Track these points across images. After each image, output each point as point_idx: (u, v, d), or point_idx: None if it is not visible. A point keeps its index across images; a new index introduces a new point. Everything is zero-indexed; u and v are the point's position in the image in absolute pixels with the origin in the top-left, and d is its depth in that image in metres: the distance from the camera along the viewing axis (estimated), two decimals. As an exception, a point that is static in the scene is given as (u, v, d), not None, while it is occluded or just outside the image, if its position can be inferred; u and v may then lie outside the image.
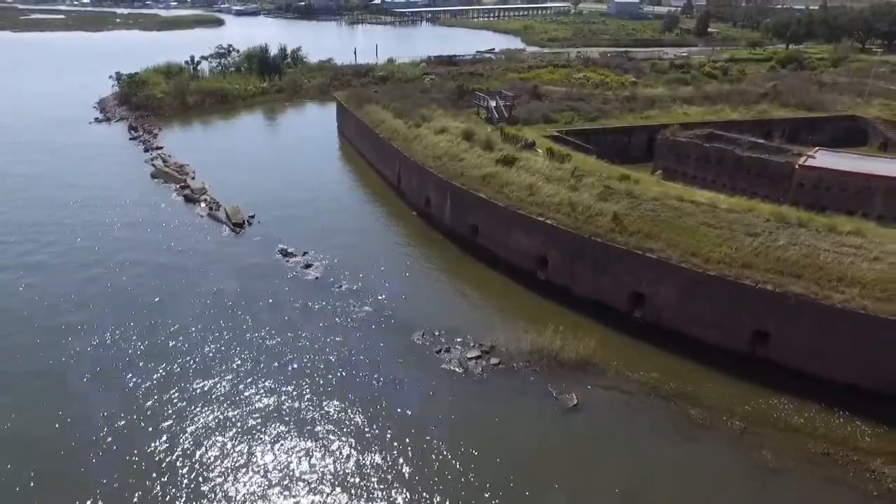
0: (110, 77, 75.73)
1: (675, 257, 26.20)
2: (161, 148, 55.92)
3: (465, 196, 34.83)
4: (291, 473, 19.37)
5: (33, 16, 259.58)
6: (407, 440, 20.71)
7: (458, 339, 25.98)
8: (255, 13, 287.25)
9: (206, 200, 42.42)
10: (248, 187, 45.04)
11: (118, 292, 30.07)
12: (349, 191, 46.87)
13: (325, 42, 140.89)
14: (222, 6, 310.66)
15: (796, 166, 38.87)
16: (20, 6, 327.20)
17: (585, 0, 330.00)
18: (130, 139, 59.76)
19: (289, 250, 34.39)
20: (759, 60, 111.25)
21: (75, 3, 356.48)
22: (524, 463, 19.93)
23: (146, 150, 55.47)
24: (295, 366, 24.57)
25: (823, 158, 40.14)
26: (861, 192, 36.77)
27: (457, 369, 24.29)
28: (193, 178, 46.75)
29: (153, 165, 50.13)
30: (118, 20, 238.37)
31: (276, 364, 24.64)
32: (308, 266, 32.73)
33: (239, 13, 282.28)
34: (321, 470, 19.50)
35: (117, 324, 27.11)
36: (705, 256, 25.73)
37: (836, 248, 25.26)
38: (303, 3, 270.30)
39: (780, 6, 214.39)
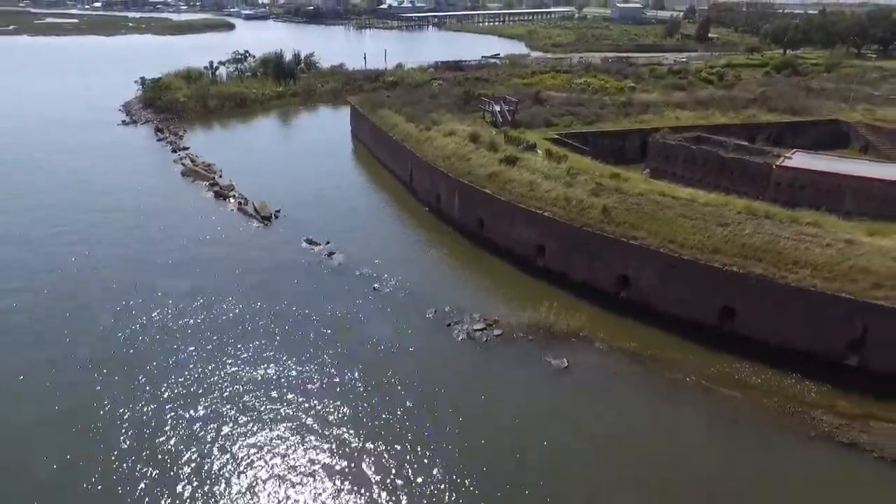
0: (135, 82, 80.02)
1: (655, 244, 30.03)
2: (188, 148, 60.07)
3: (472, 192, 38.75)
4: (327, 411, 23.44)
5: (47, 19, 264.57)
6: (421, 394, 24.55)
7: (466, 315, 29.91)
8: (264, 17, 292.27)
9: (234, 196, 46.46)
10: (270, 185, 48.97)
11: (169, 273, 34.16)
12: (365, 188, 50.89)
13: (333, 46, 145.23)
14: (232, 10, 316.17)
15: (773, 166, 42.68)
16: (33, 10, 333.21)
17: (589, 4, 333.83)
18: (158, 140, 63.97)
19: (313, 240, 38.44)
20: (756, 66, 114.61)
21: (86, 6, 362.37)
22: (521, 413, 23.73)
23: (174, 151, 59.63)
24: (326, 335, 28.48)
25: (799, 159, 43.90)
26: (832, 191, 40.48)
27: (464, 339, 28.23)
28: (221, 177, 50.78)
29: (183, 164, 54.30)
30: (130, 24, 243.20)
31: (311, 333, 28.58)
32: (331, 254, 36.73)
33: (248, 17, 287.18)
34: (349, 411, 23.42)
35: (174, 299, 31.17)
36: (681, 243, 29.56)
37: (794, 235, 29.07)
38: (311, 8, 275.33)
39: (781, 10, 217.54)
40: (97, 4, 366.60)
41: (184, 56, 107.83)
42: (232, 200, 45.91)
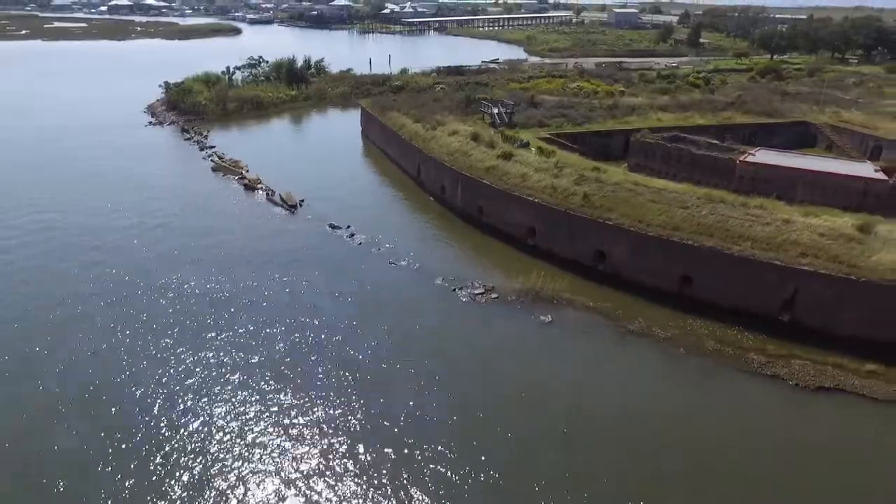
0: (159, 86, 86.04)
1: (627, 224, 35.86)
2: (214, 147, 65.91)
3: (473, 183, 44.61)
4: (358, 350, 29.11)
5: (55, 24, 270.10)
6: (432, 341, 30.34)
7: (468, 283, 35.79)
8: (268, 21, 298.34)
9: (262, 188, 52.29)
10: (291, 178, 54.57)
11: (216, 252, 40.00)
12: (377, 181, 56.77)
13: (338, 50, 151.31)
14: (236, 15, 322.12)
15: (738, 162, 48.52)
16: (40, 14, 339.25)
17: (588, 9, 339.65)
18: (185, 140, 69.86)
19: (335, 224, 44.30)
20: (742, 70, 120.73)
21: (92, 11, 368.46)
22: (513, 357, 29.51)
23: (201, 149, 65.50)
24: (355, 297, 34.31)
25: (761, 156, 49.77)
26: (786, 182, 46.27)
27: (468, 300, 34.11)
28: (248, 171, 56.63)
29: (212, 161, 60.18)
30: (139, 28, 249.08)
31: (342, 296, 34.40)
32: (352, 236, 42.62)
33: (253, 22, 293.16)
34: (375, 351, 29.15)
35: (221, 273, 36.97)
36: (647, 222, 35.39)
37: (742, 216, 34.90)
38: (315, 13, 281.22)
39: (772, 16, 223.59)
40: (103, 9, 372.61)
41: (196, 60, 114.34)
42: (260, 192, 51.75)
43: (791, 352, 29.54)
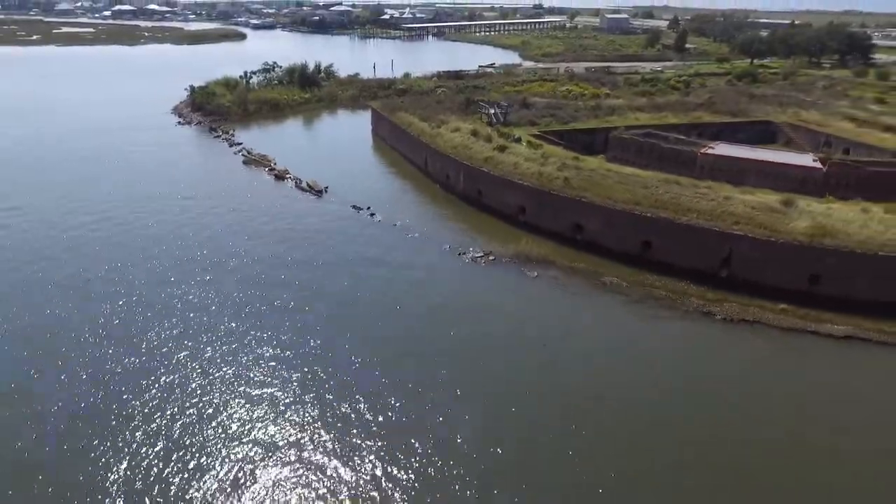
0: (185, 89, 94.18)
1: (599, 201, 44.06)
2: (241, 143, 73.95)
3: (473, 171, 52.80)
4: (384, 299, 37.14)
5: (63, 29, 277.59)
6: (440, 294, 38.41)
7: (470, 249, 43.98)
8: (271, 26, 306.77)
9: (290, 178, 60.37)
10: (313, 170, 62.44)
11: (265, 224, 48.31)
12: (389, 172, 64.93)
13: (341, 55, 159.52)
14: (239, 20, 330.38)
15: (699, 154, 56.77)
16: (45, 19, 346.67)
17: (581, 14, 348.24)
18: (214, 137, 77.89)
19: (357, 206, 52.42)
20: (722, 74, 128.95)
21: (96, 16, 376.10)
22: (505, 303, 37.60)
23: (230, 146, 73.55)
24: (378, 262, 42.33)
25: (720, 149, 58.01)
26: (739, 171, 54.46)
27: (469, 262, 42.30)
28: (276, 164, 64.70)
29: (243, 155, 68.28)
30: (147, 34, 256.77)
31: (367, 261, 42.47)
32: (372, 215, 50.76)
33: (256, 27, 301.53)
34: (396, 300, 37.19)
35: (263, 247, 45.00)
36: (615, 199, 43.58)
37: (692, 194, 43.13)
38: (316, 18, 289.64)
39: (756, 21, 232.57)
40: (106, 14, 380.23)
41: (207, 65, 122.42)
42: (289, 181, 59.84)
43: (725, 297, 37.67)
